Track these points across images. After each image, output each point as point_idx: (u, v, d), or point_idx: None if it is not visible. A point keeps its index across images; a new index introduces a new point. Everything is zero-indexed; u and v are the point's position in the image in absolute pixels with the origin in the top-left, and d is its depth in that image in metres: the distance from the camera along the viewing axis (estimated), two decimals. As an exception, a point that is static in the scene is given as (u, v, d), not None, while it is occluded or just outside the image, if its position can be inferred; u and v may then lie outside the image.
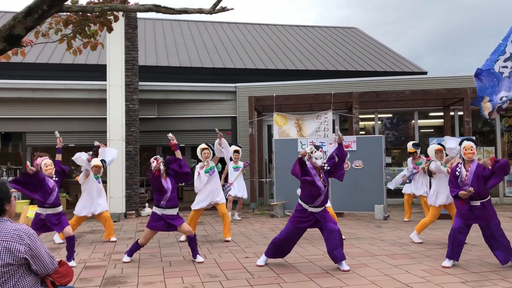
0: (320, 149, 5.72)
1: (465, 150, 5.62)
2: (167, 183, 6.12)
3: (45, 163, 6.43)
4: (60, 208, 6.43)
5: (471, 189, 5.35)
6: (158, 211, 6.11)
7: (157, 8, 3.10)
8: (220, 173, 12.28)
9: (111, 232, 7.91)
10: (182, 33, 21.36)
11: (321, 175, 5.73)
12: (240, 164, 10.35)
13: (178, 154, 6.36)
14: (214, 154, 7.78)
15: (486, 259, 5.84)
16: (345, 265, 5.53)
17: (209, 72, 17.05)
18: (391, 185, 9.90)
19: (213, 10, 3.06)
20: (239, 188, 10.18)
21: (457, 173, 5.61)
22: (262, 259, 5.89)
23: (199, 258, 6.12)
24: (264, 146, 13.61)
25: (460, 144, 5.72)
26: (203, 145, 7.75)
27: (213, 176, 7.66)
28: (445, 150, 7.04)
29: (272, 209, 10.76)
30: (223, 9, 3.06)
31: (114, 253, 6.86)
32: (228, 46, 19.95)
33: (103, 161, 8.07)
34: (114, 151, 8.62)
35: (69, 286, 3.12)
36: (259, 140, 13.22)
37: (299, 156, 5.68)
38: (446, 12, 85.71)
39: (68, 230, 6.23)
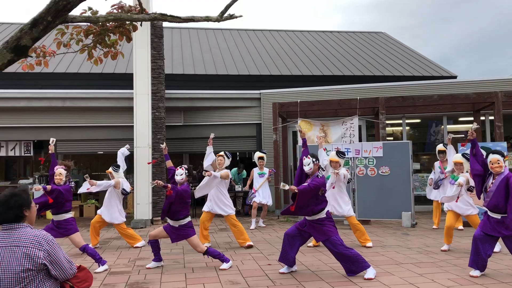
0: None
1: (492, 164, 5.35)
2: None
3: (57, 172, 6.58)
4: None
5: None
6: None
7: (163, 17, 3.14)
8: (245, 179, 12.34)
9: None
10: (208, 41, 21.59)
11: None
12: (265, 170, 10.34)
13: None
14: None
15: (517, 268, 5.64)
16: (369, 273, 5.43)
17: (234, 79, 17.16)
18: (428, 195, 9.74)
19: (220, 18, 3.08)
20: (264, 195, 10.17)
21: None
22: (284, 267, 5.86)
23: (224, 265, 6.11)
24: (289, 152, 13.55)
25: (487, 157, 5.49)
26: (220, 153, 7.87)
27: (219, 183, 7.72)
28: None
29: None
30: (231, 17, 3.07)
31: (139, 259, 6.94)
32: (253, 53, 20.04)
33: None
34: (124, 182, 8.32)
35: (88, 292, 3.16)
36: (283, 146, 13.17)
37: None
38: (476, 14, 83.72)
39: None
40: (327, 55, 20.18)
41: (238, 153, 16.39)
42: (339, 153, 7.49)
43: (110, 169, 8.04)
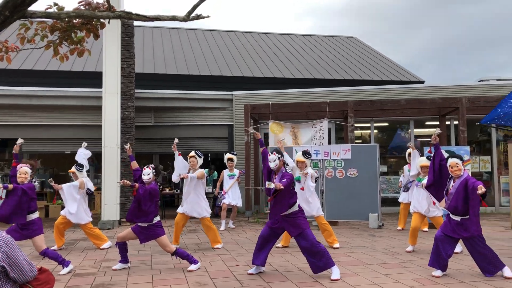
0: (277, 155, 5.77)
1: (451, 168, 5.50)
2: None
3: (21, 170, 6.35)
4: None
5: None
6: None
7: (128, 15, 3.12)
8: (216, 180, 12.30)
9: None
10: (180, 41, 21.46)
11: (275, 179, 5.78)
12: (235, 172, 10.34)
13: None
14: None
15: (477, 268, 5.81)
16: (335, 273, 5.51)
17: (206, 80, 17.11)
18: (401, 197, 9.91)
19: (187, 18, 3.07)
20: (234, 196, 10.17)
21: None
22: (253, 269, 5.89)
23: (192, 267, 6.07)
24: (259, 154, 13.58)
25: (446, 161, 5.65)
26: (191, 153, 7.81)
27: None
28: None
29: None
30: (198, 17, 3.07)
31: (105, 260, 6.83)
32: (226, 54, 20.03)
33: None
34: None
35: (50, 293, 3.10)
36: (255, 148, 13.22)
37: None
38: (444, 22, 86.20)
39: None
40: (299, 58, 20.36)
41: (209, 154, 16.33)
42: (305, 154, 7.55)
43: (73, 169, 7.87)
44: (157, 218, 6.11)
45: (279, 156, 5.81)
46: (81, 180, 7.73)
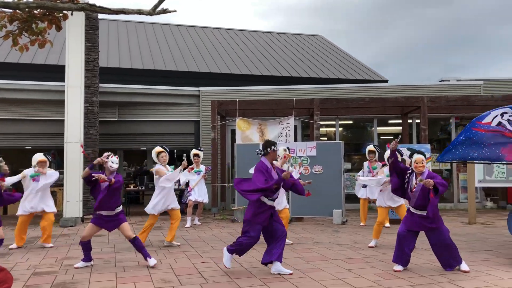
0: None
1: (416, 163, 5.65)
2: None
3: None
4: None
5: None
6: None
7: (91, 8, 3.05)
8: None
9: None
10: (147, 35, 21.13)
11: (275, 169, 5.91)
12: (202, 168, 10.28)
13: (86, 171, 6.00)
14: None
15: (436, 262, 6.01)
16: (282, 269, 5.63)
17: (172, 75, 16.93)
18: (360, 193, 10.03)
19: (153, 12, 3.03)
20: (200, 193, 10.11)
21: (406, 179, 5.76)
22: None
23: (151, 261, 6.05)
24: (227, 150, 13.58)
25: (411, 156, 5.81)
26: (159, 148, 7.58)
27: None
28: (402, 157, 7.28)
29: (233, 214, 10.74)
30: (164, 11, 3.03)
31: (67, 258, 6.67)
32: (193, 49, 19.87)
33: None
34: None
35: (8, 293, 3.01)
36: (221, 144, 13.20)
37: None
38: (408, 24, 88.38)
39: None
40: (266, 55, 20.43)
41: (175, 151, 16.17)
42: (287, 148, 7.65)
43: (44, 157, 7.73)
44: (121, 206, 6.25)
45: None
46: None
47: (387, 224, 9.48)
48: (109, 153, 6.18)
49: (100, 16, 13.22)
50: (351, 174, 13.45)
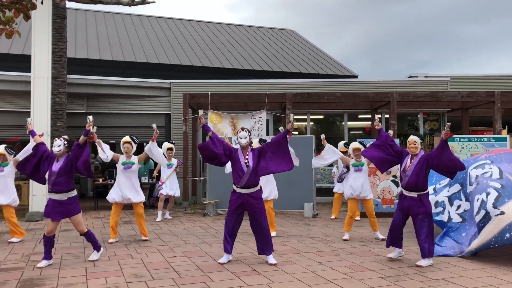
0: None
1: (409, 144, 5.79)
2: (55, 166, 5.80)
3: None
4: None
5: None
6: (48, 195, 5.90)
7: (69, -3, 2.95)
8: (152, 171, 12.05)
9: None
10: (116, 26, 20.70)
11: (247, 156, 5.90)
12: (174, 161, 10.17)
13: (82, 140, 5.80)
14: (138, 150, 7.58)
15: (406, 255, 6.15)
16: (272, 259, 5.78)
17: (142, 67, 16.67)
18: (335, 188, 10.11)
19: (132, 2, 2.96)
20: (171, 186, 10.01)
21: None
22: (224, 257, 5.90)
23: (93, 256, 6.01)
24: (198, 144, 13.48)
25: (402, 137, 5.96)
26: (126, 138, 7.46)
27: (129, 172, 7.34)
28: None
29: (205, 208, 10.70)
30: (143, 2, 2.97)
31: (34, 254, 6.49)
32: (164, 41, 19.60)
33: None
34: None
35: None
36: (193, 138, 13.10)
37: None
38: (374, 19, 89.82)
39: None
40: (238, 48, 20.35)
41: (145, 144, 15.94)
42: (261, 141, 7.60)
43: (3, 150, 7.51)
44: (75, 192, 5.90)
45: (249, 134, 6.03)
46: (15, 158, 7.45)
47: (357, 218, 9.65)
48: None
49: (68, 5, 12.86)
50: (321, 168, 13.60)
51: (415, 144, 5.78)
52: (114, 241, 7.30)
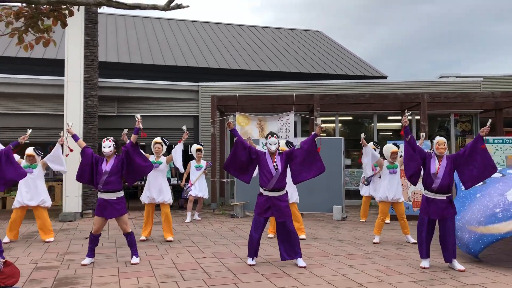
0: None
1: (438, 145, 5.67)
2: (106, 166, 5.97)
3: None
4: None
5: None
6: (98, 195, 6.04)
7: (108, 2, 3.02)
8: (177, 169, 12.18)
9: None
10: (145, 30, 21.04)
11: (275, 160, 5.93)
12: (203, 163, 10.27)
13: (135, 138, 6.09)
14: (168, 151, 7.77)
15: (437, 258, 6.04)
16: (302, 262, 5.74)
17: (171, 70, 16.89)
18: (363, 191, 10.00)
19: (167, 7, 3.00)
20: (200, 188, 10.10)
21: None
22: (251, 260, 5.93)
23: (134, 259, 6.03)
24: (226, 146, 13.57)
25: (433, 139, 5.78)
26: (157, 139, 7.67)
27: (157, 171, 7.51)
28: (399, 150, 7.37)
29: (233, 209, 10.75)
30: (178, 6, 3.01)
31: (68, 253, 6.66)
32: (192, 44, 19.81)
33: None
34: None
35: (15, 287, 3.00)
36: (221, 140, 13.17)
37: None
38: (400, 19, 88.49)
39: None
40: (265, 50, 20.39)
41: (173, 146, 16.15)
42: (288, 143, 7.59)
43: (32, 152, 7.73)
44: (122, 192, 6.10)
45: (278, 140, 6.10)
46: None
47: (387, 220, 9.52)
48: (105, 138, 6.17)
49: (99, 10, 13.15)
50: (350, 170, 13.48)
51: (444, 145, 5.68)
52: (144, 239, 7.49)
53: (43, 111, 12.72)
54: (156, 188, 7.58)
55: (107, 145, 6.06)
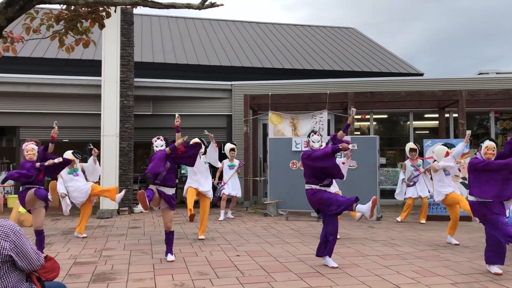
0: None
1: (487, 149, 5.36)
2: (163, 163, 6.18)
3: (27, 148, 6.69)
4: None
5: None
6: (153, 187, 6.22)
7: (143, 2, 3.07)
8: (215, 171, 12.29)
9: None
10: (179, 30, 21.31)
11: None
12: (236, 162, 10.32)
13: (179, 136, 6.32)
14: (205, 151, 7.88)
15: (477, 261, 5.85)
16: (332, 262, 5.66)
17: (205, 69, 17.03)
18: (399, 196, 9.81)
19: (202, 6, 3.02)
20: (233, 187, 10.16)
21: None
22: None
23: (170, 257, 6.09)
24: (258, 144, 13.59)
25: (482, 143, 5.47)
26: (196, 140, 7.75)
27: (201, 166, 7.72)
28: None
29: (266, 208, 10.75)
30: (212, 5, 3.03)
31: (105, 249, 6.83)
32: (225, 43, 19.92)
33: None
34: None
35: (56, 281, 3.10)
36: (253, 138, 13.20)
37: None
38: (438, 14, 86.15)
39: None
40: (298, 48, 20.28)
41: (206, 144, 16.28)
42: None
43: (72, 156, 7.95)
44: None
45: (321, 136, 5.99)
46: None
47: (423, 221, 9.31)
48: (155, 138, 6.54)
49: (134, 10, 13.41)
50: (385, 169, 13.25)
51: (493, 150, 5.36)
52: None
53: (82, 110, 13.07)
54: (203, 177, 7.67)
55: (160, 144, 6.44)
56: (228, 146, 10.29)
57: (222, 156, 10.51)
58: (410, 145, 9.70)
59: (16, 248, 2.68)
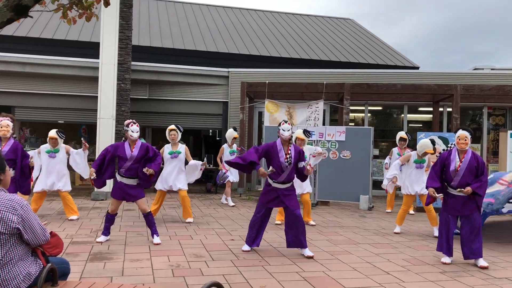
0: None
1: (459, 139, 5.40)
2: (132, 152, 6.07)
3: (1, 124, 6.27)
4: None
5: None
6: (118, 178, 6.18)
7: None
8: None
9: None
10: (177, 14, 21.19)
11: (289, 152, 5.77)
12: (234, 147, 10.36)
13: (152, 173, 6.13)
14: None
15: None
16: (308, 251, 5.62)
17: (202, 55, 17.00)
18: (387, 186, 9.92)
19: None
20: (235, 173, 10.21)
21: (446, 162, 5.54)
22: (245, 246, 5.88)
23: (156, 239, 6.09)
24: (254, 132, 13.66)
25: (455, 132, 5.55)
26: (172, 126, 7.73)
27: (175, 160, 7.71)
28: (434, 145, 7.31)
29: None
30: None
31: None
32: (223, 30, 19.86)
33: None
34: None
35: (59, 257, 3.17)
36: (249, 126, 13.26)
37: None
38: (431, 8, 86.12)
39: None
40: (296, 37, 20.27)
41: (202, 131, 16.33)
42: (306, 132, 7.58)
43: (55, 134, 7.55)
44: None
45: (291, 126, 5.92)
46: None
47: (411, 211, 9.48)
48: (129, 121, 6.20)
49: (134, -6, 13.31)
50: (378, 160, 13.39)
51: (465, 140, 5.40)
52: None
53: (78, 92, 13.03)
54: (172, 177, 7.67)
55: (136, 130, 6.10)
56: (232, 133, 10.27)
57: (216, 143, 10.57)
58: (401, 134, 9.76)
59: (23, 222, 2.75)
